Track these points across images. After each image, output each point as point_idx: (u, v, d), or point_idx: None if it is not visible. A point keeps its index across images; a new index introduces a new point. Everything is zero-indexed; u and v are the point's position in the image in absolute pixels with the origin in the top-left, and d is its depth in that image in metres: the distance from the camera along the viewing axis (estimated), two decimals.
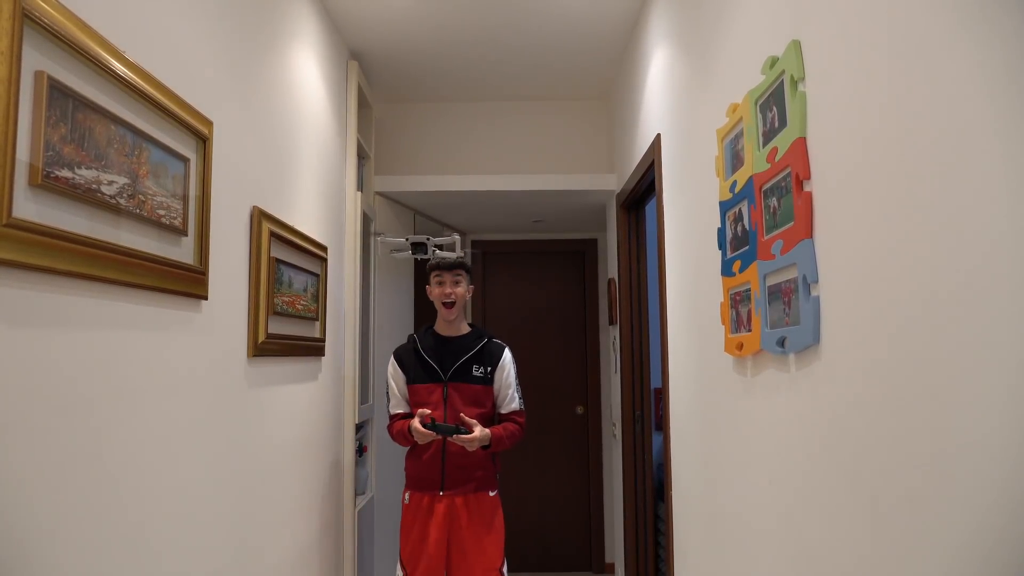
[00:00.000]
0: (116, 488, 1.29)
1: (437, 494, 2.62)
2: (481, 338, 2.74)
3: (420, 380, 2.69)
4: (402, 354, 2.78)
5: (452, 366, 2.67)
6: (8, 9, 0.99)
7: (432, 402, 2.63)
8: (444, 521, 2.60)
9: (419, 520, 2.63)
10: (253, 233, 1.98)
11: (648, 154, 2.73)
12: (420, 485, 2.66)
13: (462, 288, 2.72)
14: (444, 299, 2.69)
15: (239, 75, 1.93)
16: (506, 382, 2.71)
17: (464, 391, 2.65)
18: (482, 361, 2.69)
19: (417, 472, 2.66)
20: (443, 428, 2.48)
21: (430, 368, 2.68)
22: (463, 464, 2.61)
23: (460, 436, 2.48)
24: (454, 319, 2.73)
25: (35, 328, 1.09)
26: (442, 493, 2.61)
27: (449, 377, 2.66)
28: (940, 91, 0.91)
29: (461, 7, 2.87)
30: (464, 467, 2.61)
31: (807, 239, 1.26)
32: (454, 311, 2.70)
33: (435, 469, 2.62)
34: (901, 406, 1.00)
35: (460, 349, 2.70)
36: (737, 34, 1.70)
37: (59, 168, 1.11)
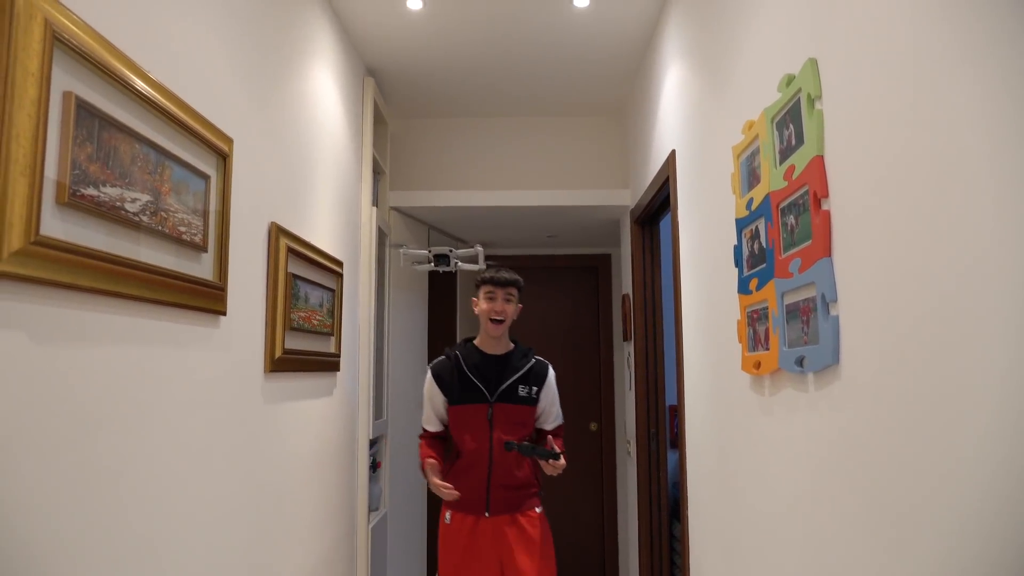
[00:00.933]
0: (134, 504, 1.30)
1: (483, 515, 2.49)
2: (527, 357, 2.60)
3: (464, 400, 2.53)
4: (442, 373, 2.58)
5: (499, 386, 2.52)
6: (39, 32, 1.01)
7: (477, 424, 2.50)
8: (493, 543, 2.47)
9: (462, 542, 2.49)
10: (271, 249, 2.00)
11: (663, 170, 2.74)
12: (463, 506, 2.51)
13: (512, 306, 2.55)
14: (493, 316, 2.52)
15: (259, 92, 1.96)
16: (552, 400, 2.61)
17: (510, 412, 2.51)
18: (528, 381, 2.55)
19: (461, 494, 2.47)
20: (541, 452, 2.36)
21: (475, 388, 2.52)
22: (510, 484, 2.49)
23: (555, 463, 2.36)
24: (500, 336, 2.57)
25: (57, 344, 1.10)
26: (488, 515, 2.48)
27: (496, 398, 2.51)
28: (959, 110, 0.91)
29: (476, 24, 2.90)
30: (511, 487, 2.50)
31: (826, 257, 1.25)
32: (501, 328, 2.54)
33: (480, 490, 2.49)
34: (923, 428, 0.99)
35: (508, 369, 2.55)
36: (752, 52, 1.71)
37: (85, 186, 1.13)
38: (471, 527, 2.49)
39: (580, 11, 2.78)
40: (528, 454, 2.38)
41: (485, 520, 2.48)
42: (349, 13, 2.79)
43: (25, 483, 1.02)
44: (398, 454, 3.61)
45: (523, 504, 2.52)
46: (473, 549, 2.48)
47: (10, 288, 1.00)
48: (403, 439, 3.72)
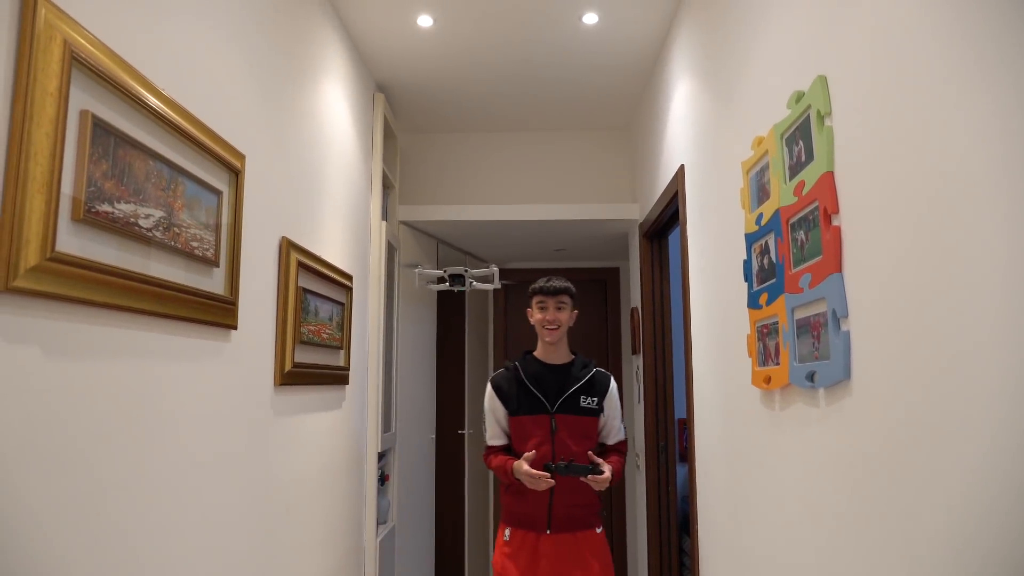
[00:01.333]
0: (144, 518, 1.30)
1: (544, 533, 2.40)
2: (587, 367, 2.52)
3: (524, 411, 2.45)
4: (502, 383, 2.52)
5: (560, 397, 2.44)
6: (58, 53, 1.03)
7: (539, 435, 2.41)
8: (554, 563, 2.38)
9: (523, 560, 2.40)
10: (281, 263, 2.01)
11: (672, 184, 2.74)
12: (524, 522, 2.42)
13: (566, 314, 2.49)
14: (547, 325, 2.47)
15: (271, 108, 1.98)
16: (614, 413, 2.52)
17: (573, 423, 2.43)
18: (591, 392, 2.47)
19: (521, 509, 2.43)
20: (577, 468, 2.30)
21: (535, 399, 2.44)
22: (573, 502, 2.39)
23: (595, 476, 2.29)
24: (556, 343, 2.50)
25: (70, 359, 1.11)
26: (549, 532, 2.39)
27: (556, 408, 2.43)
28: (969, 127, 0.91)
29: (485, 41, 2.92)
30: (573, 504, 2.40)
31: (836, 273, 1.25)
32: (557, 335, 2.47)
33: (542, 507, 2.39)
34: (935, 444, 0.98)
35: (568, 378, 2.47)
36: (761, 68, 1.71)
37: (100, 203, 1.15)
38: (532, 545, 2.41)
39: (589, 28, 2.80)
40: (564, 473, 2.30)
41: (546, 538, 2.40)
42: (360, 30, 2.82)
43: (38, 496, 1.03)
44: (407, 467, 3.61)
45: (585, 523, 2.44)
46: (534, 568, 2.39)
47: (26, 304, 1.01)
48: (412, 452, 3.71)
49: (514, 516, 2.46)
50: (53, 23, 1.04)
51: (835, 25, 1.29)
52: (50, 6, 1.04)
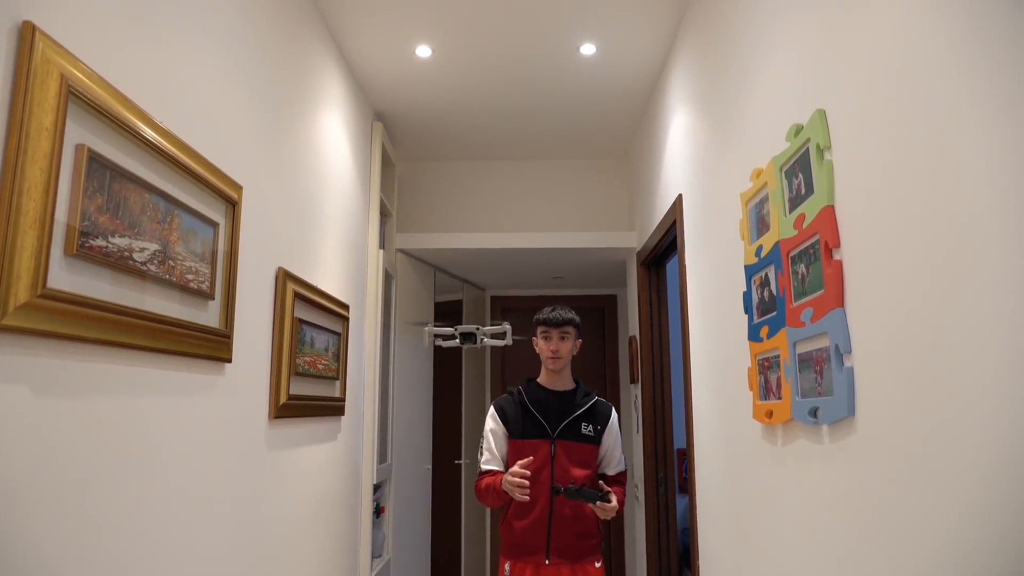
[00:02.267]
0: (137, 555, 1.27)
1: (542, 563, 2.37)
2: (589, 395, 2.55)
3: (526, 435, 2.46)
4: (505, 406, 2.54)
5: (560, 423, 2.46)
6: (55, 87, 1.02)
7: (538, 460, 2.39)
8: None
9: None
10: (277, 294, 2.00)
11: (669, 214, 2.74)
12: (522, 552, 2.40)
13: (569, 344, 2.52)
14: (550, 355, 2.51)
15: (269, 138, 1.98)
16: (615, 443, 2.53)
17: (572, 450, 2.44)
18: (592, 420, 2.49)
19: (519, 538, 2.40)
20: (587, 494, 2.25)
21: (537, 423, 2.46)
22: (573, 530, 2.38)
23: (604, 504, 2.27)
24: (559, 372, 2.53)
25: (61, 397, 1.09)
26: (548, 562, 2.37)
27: (557, 434, 2.44)
28: (970, 161, 0.90)
29: (483, 71, 2.94)
30: (574, 533, 2.38)
31: (838, 308, 1.24)
32: (559, 364, 2.51)
33: (540, 534, 2.38)
34: (943, 484, 0.96)
35: (569, 405, 2.50)
36: (759, 101, 1.72)
37: (94, 238, 1.13)
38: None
39: (586, 58, 2.82)
40: (573, 497, 2.27)
41: (545, 568, 2.37)
42: (359, 61, 2.84)
43: (31, 536, 1.00)
44: (402, 499, 3.55)
45: (584, 555, 2.41)
46: None
47: (15, 342, 0.99)
48: (407, 483, 3.66)
49: (513, 547, 2.44)
50: (50, 58, 1.03)
51: (834, 58, 1.30)
52: (47, 40, 1.03)
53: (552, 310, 2.54)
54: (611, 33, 2.64)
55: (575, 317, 2.55)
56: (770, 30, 1.64)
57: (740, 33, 1.87)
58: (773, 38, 1.62)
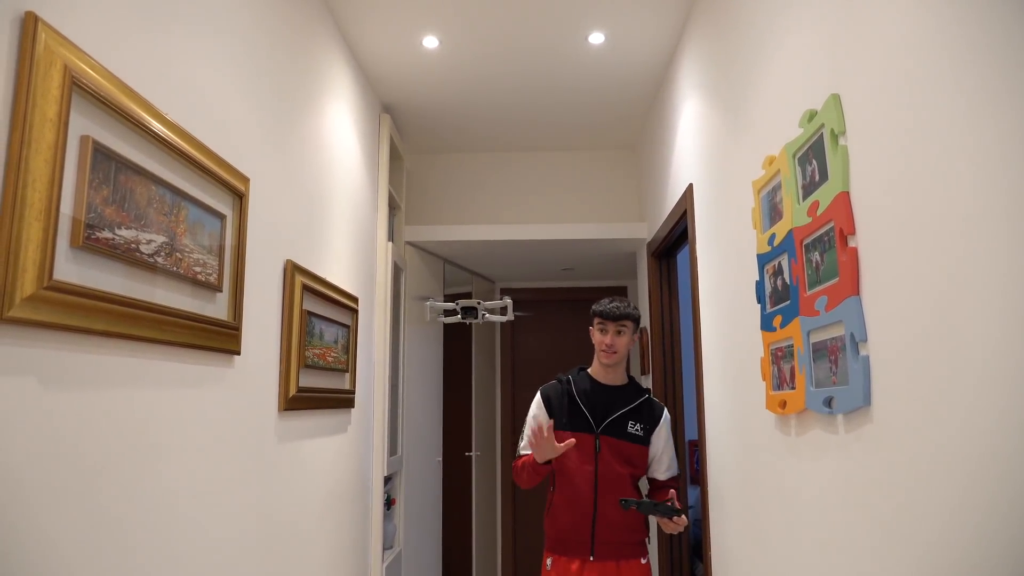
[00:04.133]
0: (146, 549, 1.27)
1: (587, 560, 2.31)
2: (640, 393, 2.44)
3: (570, 427, 2.36)
4: (551, 395, 2.45)
5: (607, 418, 2.37)
6: (58, 78, 1.01)
7: (582, 454, 2.33)
8: None
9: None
10: (286, 287, 1.99)
11: (680, 203, 2.71)
12: (566, 549, 2.34)
13: (626, 338, 2.40)
14: (605, 348, 2.40)
15: (276, 130, 1.96)
16: (665, 446, 2.42)
17: (617, 447, 2.35)
18: (640, 418, 2.39)
19: (563, 534, 2.35)
20: (662, 508, 2.14)
21: (582, 416, 2.37)
22: (618, 525, 2.31)
23: (678, 520, 2.16)
24: (613, 367, 2.43)
25: (68, 389, 1.08)
26: (592, 559, 2.30)
27: (602, 429, 2.35)
28: (989, 144, 0.88)
29: (491, 62, 2.92)
30: (618, 529, 2.31)
31: (854, 296, 1.21)
32: (614, 359, 2.40)
33: (584, 530, 2.31)
34: (962, 474, 0.94)
35: (618, 401, 2.40)
36: (771, 87, 1.69)
37: (100, 229, 1.13)
38: (576, 574, 2.31)
39: (595, 47, 2.79)
40: (648, 511, 2.17)
41: (590, 565, 2.30)
42: (366, 52, 2.82)
43: (37, 530, 1.00)
44: (413, 491, 3.56)
45: (630, 552, 2.34)
46: None
47: (21, 334, 0.98)
48: (418, 475, 3.66)
49: (556, 541, 2.38)
50: (53, 48, 1.02)
51: (848, 42, 1.27)
52: (50, 31, 1.02)
53: (610, 302, 2.43)
54: (620, 21, 2.61)
55: (635, 311, 2.43)
56: (782, 15, 1.61)
57: (751, 18, 1.84)
58: (785, 23, 1.59)
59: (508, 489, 4.83)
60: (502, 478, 4.82)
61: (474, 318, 3.56)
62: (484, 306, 3.54)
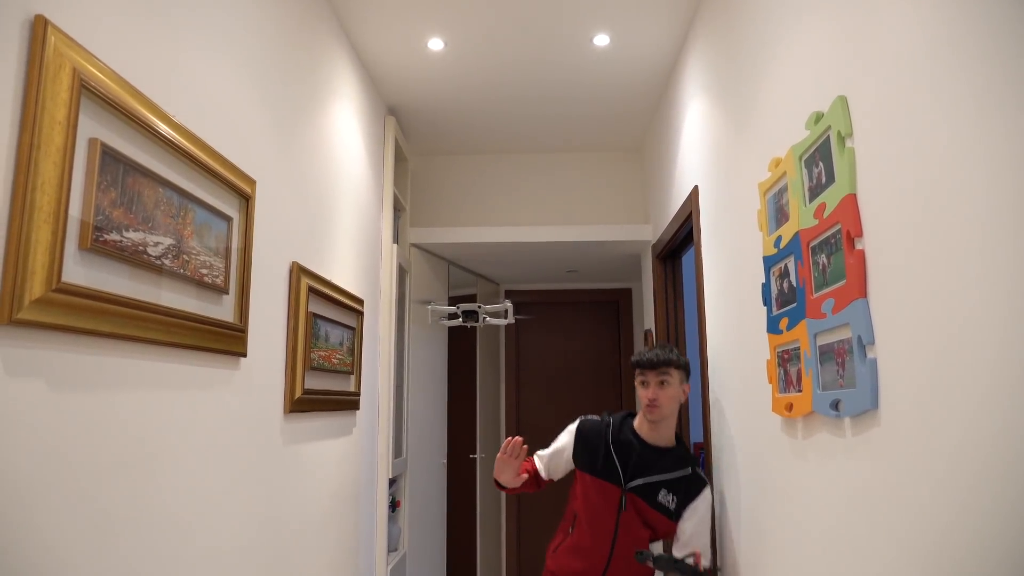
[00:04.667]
0: (152, 550, 1.27)
1: None
2: (684, 463, 2.13)
3: (598, 474, 2.12)
4: (588, 433, 2.21)
5: (637, 477, 2.10)
6: (67, 81, 1.02)
7: (605, 507, 2.10)
8: None
9: None
10: (292, 289, 1.99)
11: (685, 205, 2.71)
12: None
13: (670, 391, 2.10)
14: (647, 403, 2.11)
15: (282, 133, 1.97)
16: (696, 530, 2.09)
17: (644, 511, 2.10)
18: (675, 490, 2.10)
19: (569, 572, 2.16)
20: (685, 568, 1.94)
21: (612, 467, 2.12)
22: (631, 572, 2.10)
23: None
24: (657, 423, 2.13)
25: (76, 391, 1.09)
26: None
27: (630, 487, 2.09)
28: (997, 146, 0.87)
29: (496, 64, 2.92)
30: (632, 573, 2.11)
31: (861, 298, 1.21)
32: (657, 415, 2.11)
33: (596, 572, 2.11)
34: (971, 479, 0.93)
35: (655, 464, 2.11)
36: (777, 89, 1.69)
37: (108, 232, 1.13)
38: None
39: (600, 49, 2.79)
40: (666, 568, 1.98)
41: None
42: (371, 55, 2.83)
43: (43, 531, 1.00)
44: (418, 493, 3.56)
45: None
46: None
47: (30, 336, 0.99)
48: (423, 477, 3.66)
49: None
50: (63, 51, 1.03)
51: (854, 45, 1.27)
52: (60, 34, 1.03)
53: (649, 349, 2.17)
54: (625, 23, 2.61)
55: (677, 357, 2.13)
56: (788, 17, 1.61)
57: (757, 20, 1.83)
58: (791, 25, 1.59)
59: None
60: None
61: (475, 321, 3.58)
62: (485, 309, 3.56)
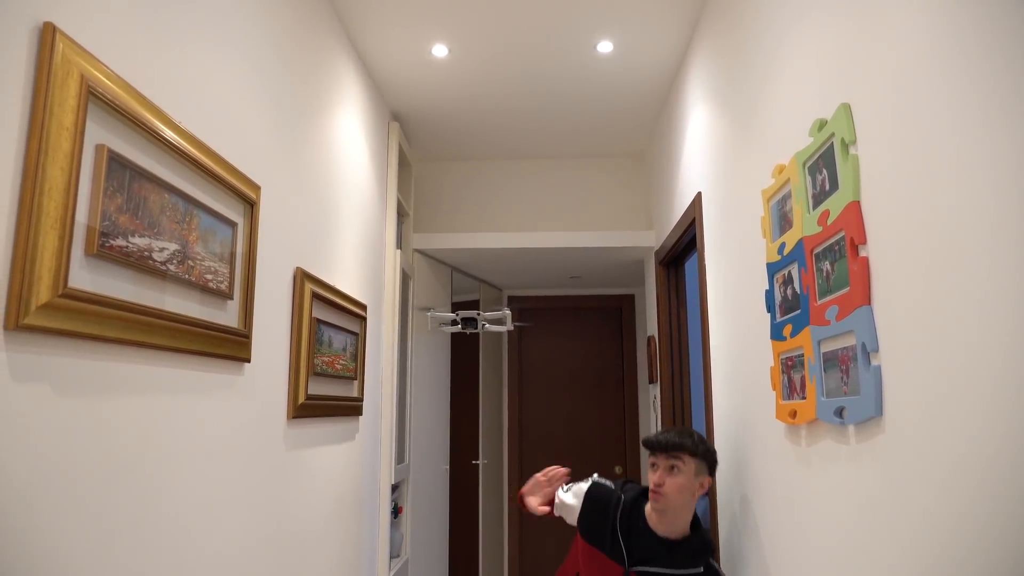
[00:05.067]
0: (155, 555, 1.27)
1: None
2: (696, 559, 1.83)
3: (601, 546, 1.90)
4: (601, 498, 1.95)
5: (643, 566, 1.83)
6: (75, 88, 1.03)
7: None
8: None
9: None
10: (295, 294, 2.00)
11: (688, 212, 2.71)
12: None
13: (683, 480, 1.78)
14: (653, 488, 1.82)
15: (287, 138, 1.98)
16: None
17: None
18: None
19: None
20: None
21: (617, 544, 1.87)
22: None
23: None
24: (663, 512, 1.81)
25: (81, 396, 1.09)
26: None
27: (633, 568, 1.84)
28: (1001, 155, 0.87)
29: (500, 70, 2.93)
30: None
31: (865, 306, 1.21)
32: (661, 503, 1.79)
33: None
34: (977, 487, 0.93)
35: (662, 558, 1.82)
36: (781, 96, 1.69)
37: (114, 237, 1.13)
38: None
39: (603, 56, 2.80)
40: None
41: None
42: (376, 61, 2.84)
43: (47, 536, 1.00)
44: (420, 499, 3.55)
45: None
46: None
47: (36, 341, 0.99)
48: (425, 483, 3.66)
49: None
50: (71, 58, 1.03)
51: (858, 52, 1.27)
52: (68, 41, 1.03)
53: (665, 430, 1.87)
54: (628, 30, 2.62)
55: (693, 444, 1.81)
56: (792, 24, 1.61)
57: (761, 27, 1.84)
58: (795, 32, 1.59)
59: (515, 498, 4.82)
60: (509, 486, 4.81)
61: (474, 328, 3.61)
62: (483, 316, 3.59)
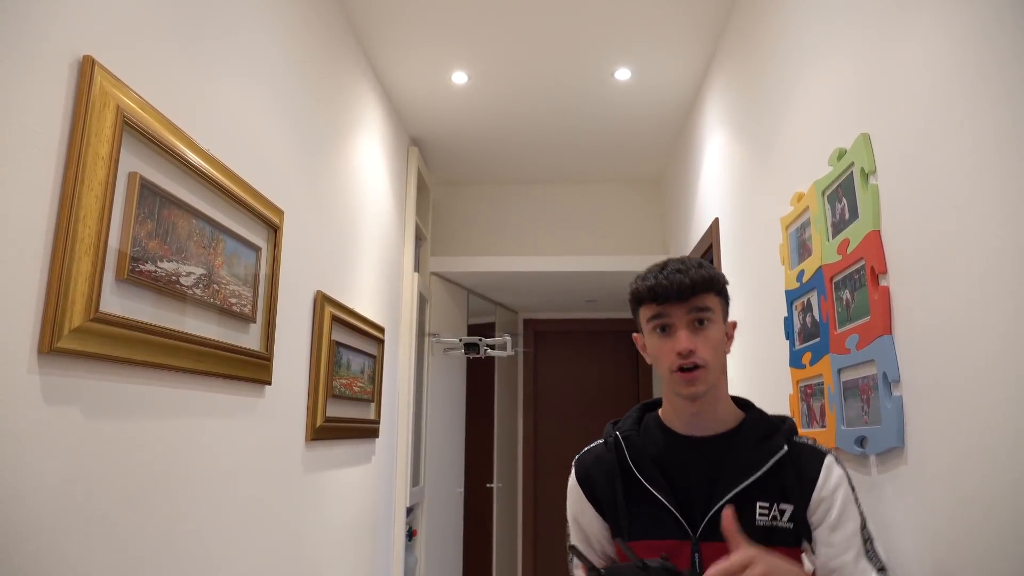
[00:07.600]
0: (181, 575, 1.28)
1: None
2: (772, 436, 1.15)
3: (641, 533, 1.13)
4: (593, 473, 1.22)
5: (712, 504, 1.09)
6: (111, 118, 1.06)
7: None
8: None
9: None
10: (316, 318, 2.02)
11: (705, 238, 2.72)
12: None
13: (716, 331, 1.16)
14: (681, 363, 1.12)
15: (309, 164, 2.01)
16: (841, 536, 1.07)
17: None
18: (778, 493, 1.10)
19: None
20: None
21: (659, 508, 1.12)
22: None
23: None
24: (701, 400, 1.14)
25: (110, 419, 1.11)
26: None
27: (703, 531, 1.09)
28: (1020, 184, 0.88)
29: (519, 97, 2.97)
30: None
31: (886, 335, 1.21)
32: (700, 382, 1.12)
33: None
34: (1000, 516, 0.92)
35: (728, 464, 1.12)
36: (799, 124, 1.70)
37: (144, 262, 1.16)
38: None
39: (621, 83, 2.83)
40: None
41: None
42: (396, 87, 2.89)
43: (70, 556, 1.02)
44: (435, 522, 3.54)
45: None
46: None
47: (68, 364, 1.01)
48: (440, 506, 3.64)
49: None
50: (108, 90, 1.07)
51: (877, 82, 1.28)
52: (105, 74, 1.07)
53: (662, 270, 1.20)
54: (646, 58, 2.65)
55: (713, 275, 1.18)
56: (810, 53, 1.63)
57: (779, 56, 1.86)
58: (813, 61, 1.60)
59: (529, 521, 4.78)
60: (523, 510, 4.77)
61: (476, 353, 3.66)
62: (485, 342, 3.64)
